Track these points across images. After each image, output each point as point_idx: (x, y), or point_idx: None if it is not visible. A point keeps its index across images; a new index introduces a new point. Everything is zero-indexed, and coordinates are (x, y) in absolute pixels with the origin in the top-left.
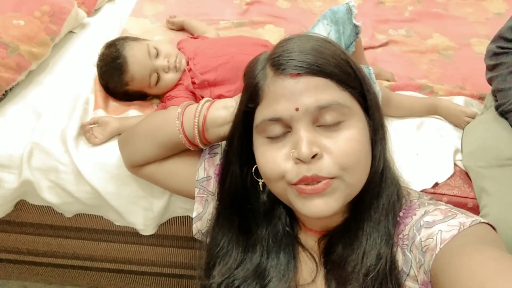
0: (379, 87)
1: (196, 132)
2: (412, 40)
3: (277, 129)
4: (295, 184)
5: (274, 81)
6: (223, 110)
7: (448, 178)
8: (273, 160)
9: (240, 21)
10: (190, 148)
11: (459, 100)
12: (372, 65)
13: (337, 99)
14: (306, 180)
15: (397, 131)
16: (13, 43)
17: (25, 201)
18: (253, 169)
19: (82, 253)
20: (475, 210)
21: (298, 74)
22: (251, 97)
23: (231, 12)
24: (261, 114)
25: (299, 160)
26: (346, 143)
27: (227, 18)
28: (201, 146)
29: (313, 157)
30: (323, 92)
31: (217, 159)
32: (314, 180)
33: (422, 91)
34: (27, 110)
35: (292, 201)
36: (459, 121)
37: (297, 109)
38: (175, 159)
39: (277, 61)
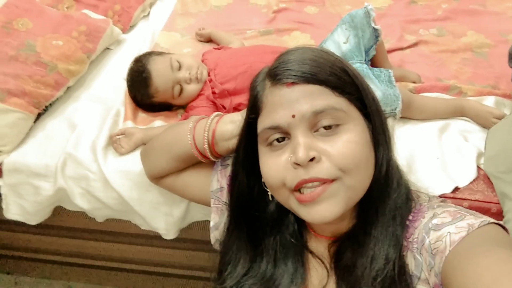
0: (398, 90)
1: (206, 146)
2: (443, 40)
3: (277, 137)
4: (295, 189)
5: (272, 91)
6: (230, 124)
7: (471, 183)
8: (274, 167)
9: (266, 29)
10: (203, 160)
11: (490, 101)
12: (398, 67)
13: (332, 104)
14: (304, 183)
15: (419, 134)
16: (52, 62)
17: (62, 207)
18: (263, 179)
19: (117, 256)
20: (499, 215)
21: (293, 83)
22: (252, 108)
23: (258, 21)
24: (262, 123)
25: (297, 165)
26: (344, 145)
27: (254, 27)
28: (212, 159)
29: (311, 160)
30: (317, 98)
31: (229, 171)
32: (312, 181)
33: (449, 92)
34: (65, 123)
35: (295, 210)
36: (486, 123)
37: (293, 116)
38: (191, 171)
39: (274, 72)
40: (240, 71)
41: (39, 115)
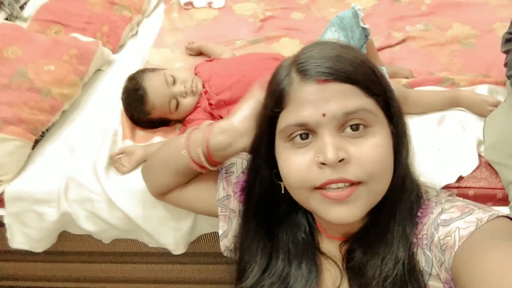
0: (393, 87)
1: (203, 159)
2: (430, 34)
3: (300, 134)
4: (320, 187)
5: (301, 87)
6: (221, 135)
7: (474, 170)
8: (297, 166)
9: (255, 38)
10: (203, 172)
11: (483, 89)
12: (389, 64)
13: (364, 105)
14: (330, 183)
15: (418, 127)
16: (45, 88)
17: (67, 231)
18: (274, 172)
19: (126, 276)
20: (505, 201)
21: (325, 80)
22: (277, 102)
23: (246, 30)
24: (286, 119)
25: (323, 165)
26: (373, 150)
27: (243, 37)
28: (212, 169)
29: (339, 161)
30: (350, 98)
31: (234, 178)
32: (339, 181)
33: (442, 84)
34: (63, 147)
35: (315, 208)
36: (482, 111)
37: (324, 115)
38: (195, 183)
39: (302, 67)
40: (234, 80)
41: (36, 141)
